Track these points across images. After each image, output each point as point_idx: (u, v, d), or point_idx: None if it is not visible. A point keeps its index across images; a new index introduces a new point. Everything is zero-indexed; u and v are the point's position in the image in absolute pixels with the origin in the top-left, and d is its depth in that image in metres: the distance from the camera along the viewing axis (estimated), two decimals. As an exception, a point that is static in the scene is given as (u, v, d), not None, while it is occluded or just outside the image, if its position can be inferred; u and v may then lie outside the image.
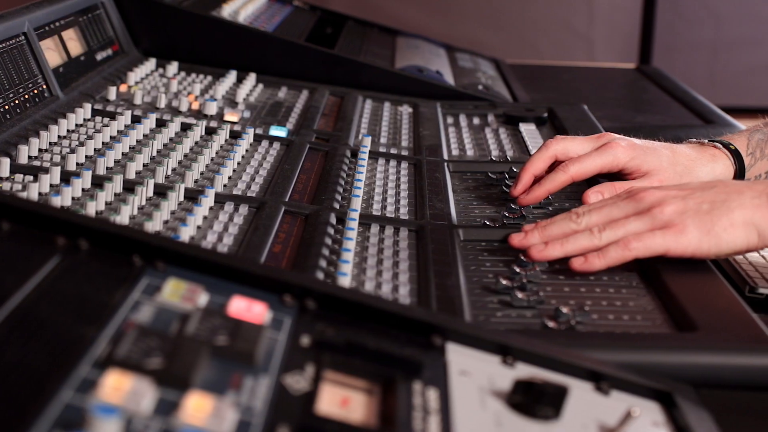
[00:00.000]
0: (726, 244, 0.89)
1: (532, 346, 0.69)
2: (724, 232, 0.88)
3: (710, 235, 0.88)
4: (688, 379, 0.72)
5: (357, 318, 0.68)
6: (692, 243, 0.89)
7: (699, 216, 0.89)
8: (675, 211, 0.90)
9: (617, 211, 0.92)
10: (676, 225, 0.89)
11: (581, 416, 0.64)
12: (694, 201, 0.90)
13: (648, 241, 0.89)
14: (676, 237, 0.89)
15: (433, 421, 0.59)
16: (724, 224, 0.88)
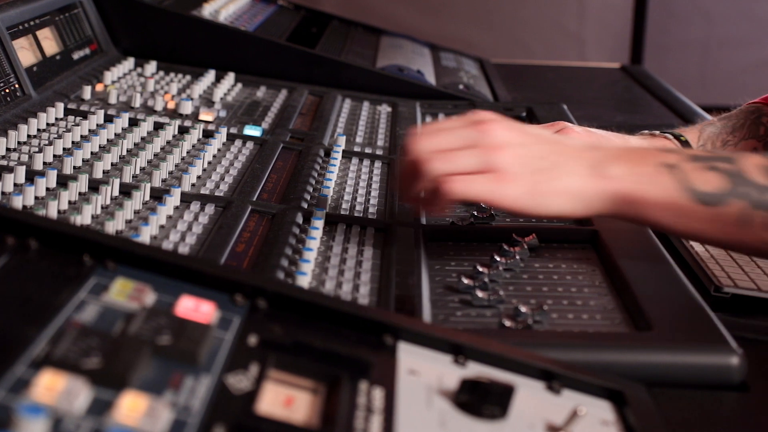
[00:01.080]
0: (547, 208, 0.86)
1: (483, 345, 0.69)
2: (547, 196, 0.85)
3: (534, 195, 0.85)
4: (641, 378, 0.72)
5: (309, 317, 0.68)
6: (513, 197, 0.85)
7: (531, 173, 0.85)
8: (511, 161, 0.85)
9: (457, 141, 0.87)
10: (505, 174, 0.85)
11: (529, 415, 0.64)
12: (533, 154, 0.86)
13: (468, 185, 0.85)
14: (500, 186, 0.85)
15: (375, 420, 0.59)
16: (549, 188, 0.85)
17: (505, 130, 0.87)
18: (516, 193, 0.85)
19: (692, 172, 0.84)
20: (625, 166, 0.85)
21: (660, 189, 0.84)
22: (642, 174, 0.85)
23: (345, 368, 0.63)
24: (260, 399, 0.58)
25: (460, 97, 1.62)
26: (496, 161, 0.85)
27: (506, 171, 0.85)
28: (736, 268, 1.00)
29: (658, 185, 0.84)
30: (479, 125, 0.87)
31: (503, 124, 0.87)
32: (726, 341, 0.75)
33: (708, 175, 0.84)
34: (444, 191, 0.85)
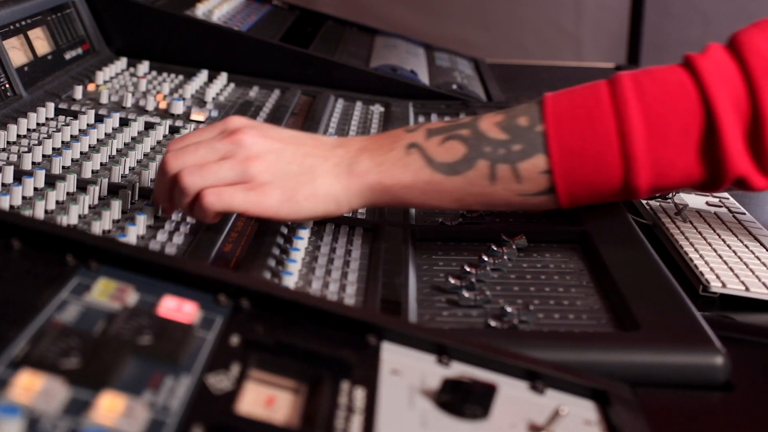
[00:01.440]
0: (305, 211, 0.88)
1: (466, 345, 0.69)
2: (305, 201, 0.87)
3: (291, 201, 0.87)
4: (626, 378, 0.72)
5: (292, 317, 0.68)
6: (272, 206, 0.86)
7: (286, 180, 0.86)
8: (264, 170, 0.86)
9: (213, 154, 0.87)
10: (261, 184, 0.86)
11: (511, 415, 0.64)
12: (285, 159, 0.87)
13: (227, 198, 0.85)
14: (258, 198, 0.86)
15: (356, 420, 0.59)
16: (306, 193, 0.87)
17: (258, 138, 0.88)
18: (274, 201, 0.86)
19: (433, 147, 0.87)
20: (370, 159, 0.88)
21: (407, 172, 0.87)
22: (386, 162, 0.87)
23: (327, 368, 0.63)
24: (241, 399, 0.58)
25: (453, 96, 1.62)
26: (251, 172, 0.86)
27: (261, 181, 0.86)
28: (725, 268, 1.00)
29: (404, 168, 0.87)
30: (232, 136, 0.87)
31: (255, 132, 0.88)
32: (710, 341, 0.75)
33: (448, 145, 0.86)
34: (203, 205, 0.86)
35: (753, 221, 1.16)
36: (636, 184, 0.85)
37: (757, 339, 0.83)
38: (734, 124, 0.83)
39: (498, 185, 0.86)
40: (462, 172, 0.86)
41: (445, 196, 0.87)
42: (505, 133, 0.86)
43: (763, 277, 0.98)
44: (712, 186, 0.87)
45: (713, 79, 0.83)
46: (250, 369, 0.61)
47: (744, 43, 0.84)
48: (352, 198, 0.88)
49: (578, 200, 0.88)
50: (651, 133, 0.84)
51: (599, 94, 0.86)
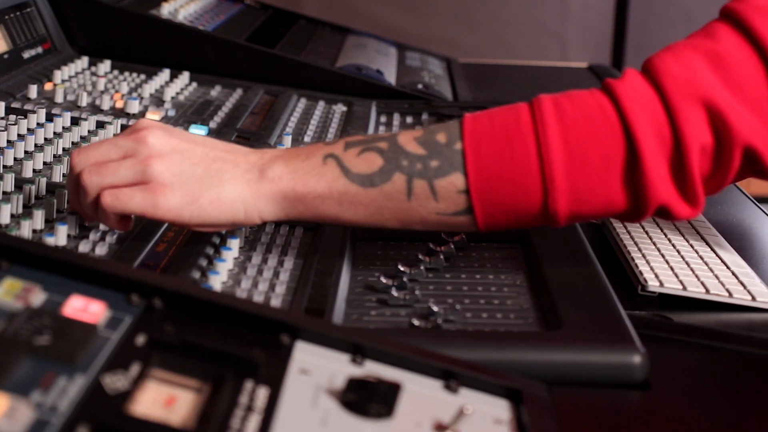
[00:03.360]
0: (209, 216, 0.84)
1: (380, 345, 0.69)
2: (209, 205, 0.84)
3: (194, 205, 0.83)
4: (546, 376, 0.72)
5: (206, 317, 0.68)
6: (172, 210, 0.83)
7: (189, 182, 0.83)
8: (166, 170, 0.83)
9: (115, 151, 0.85)
10: (161, 185, 0.83)
11: (419, 414, 0.64)
12: (191, 161, 0.84)
13: (124, 200, 0.83)
14: (157, 199, 0.83)
15: (253, 420, 0.59)
16: (211, 197, 0.83)
17: (162, 138, 0.85)
18: (175, 205, 0.83)
19: (349, 158, 0.84)
20: (284, 165, 0.85)
21: (321, 180, 0.84)
22: (301, 169, 0.84)
23: (231, 368, 0.63)
24: (137, 399, 0.58)
25: (418, 96, 1.62)
26: (150, 172, 0.83)
27: (161, 182, 0.83)
28: (666, 267, 1.00)
29: (318, 177, 0.84)
30: (137, 134, 0.85)
31: (161, 132, 0.86)
32: (629, 340, 0.75)
33: (365, 156, 0.84)
34: (102, 205, 0.83)
35: (703, 221, 1.16)
36: (555, 209, 0.82)
37: (682, 338, 0.83)
38: (656, 150, 0.80)
39: (414, 202, 0.83)
40: (378, 184, 0.83)
41: (360, 208, 0.84)
42: (423, 148, 0.83)
43: (703, 276, 0.98)
44: (635, 215, 0.84)
45: (633, 105, 0.80)
46: (151, 369, 0.61)
47: (659, 68, 0.82)
48: (261, 206, 0.85)
49: (497, 223, 0.85)
50: (570, 157, 0.81)
51: (519, 115, 0.83)
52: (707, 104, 0.80)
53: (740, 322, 0.94)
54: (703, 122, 0.81)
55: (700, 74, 0.81)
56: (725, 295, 0.95)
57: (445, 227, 0.86)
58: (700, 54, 0.82)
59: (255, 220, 0.86)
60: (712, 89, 0.80)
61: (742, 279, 0.99)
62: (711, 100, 0.80)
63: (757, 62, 0.81)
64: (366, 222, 0.86)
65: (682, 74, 0.81)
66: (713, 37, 0.83)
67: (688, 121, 0.80)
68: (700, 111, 0.80)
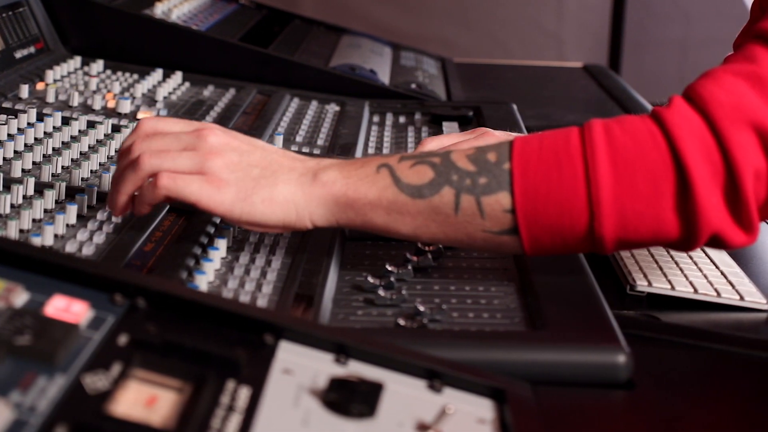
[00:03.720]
0: (260, 215, 0.85)
1: (364, 345, 0.69)
2: (261, 203, 0.85)
3: (246, 202, 0.84)
4: (531, 376, 0.72)
5: (190, 317, 0.68)
6: (225, 203, 0.84)
7: (245, 180, 0.85)
8: (224, 167, 0.85)
9: (176, 143, 0.87)
10: (218, 179, 0.85)
11: (401, 414, 0.64)
12: (248, 161, 0.86)
13: (181, 183, 0.84)
14: (212, 191, 0.84)
15: (234, 420, 0.59)
16: (263, 196, 0.85)
17: (223, 137, 0.87)
18: (227, 200, 0.84)
19: (404, 169, 0.85)
20: (338, 171, 0.86)
21: (374, 188, 0.84)
22: (354, 176, 0.85)
23: (213, 367, 0.63)
24: (117, 399, 0.58)
25: (411, 96, 1.62)
26: (209, 165, 0.85)
27: (219, 176, 0.85)
28: (655, 267, 1.00)
29: (371, 185, 0.85)
30: (199, 131, 0.87)
31: (222, 133, 0.87)
32: (613, 340, 0.75)
33: (417, 168, 0.84)
34: (158, 185, 0.85)
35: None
36: (601, 233, 0.81)
37: (670, 338, 0.83)
38: (707, 177, 0.79)
39: (461, 217, 0.83)
40: (427, 196, 0.83)
41: (408, 219, 0.84)
42: (473, 165, 0.83)
43: (692, 276, 0.98)
44: (687, 243, 0.82)
45: (682, 131, 0.79)
46: (133, 368, 0.61)
47: (704, 96, 0.80)
48: (312, 208, 0.85)
49: (542, 246, 0.83)
50: (619, 181, 0.80)
51: (569, 138, 0.82)
52: (757, 128, 0.79)
53: (729, 322, 0.94)
54: (755, 146, 0.79)
55: (746, 98, 0.80)
56: (713, 295, 0.95)
57: (491, 247, 0.85)
58: (742, 79, 0.81)
59: (306, 223, 0.86)
60: (761, 112, 0.79)
61: (731, 279, 0.99)
62: (761, 124, 0.79)
63: None
64: (413, 234, 0.86)
65: (728, 100, 0.80)
66: (753, 60, 0.82)
67: (740, 146, 0.79)
68: (750, 135, 0.79)
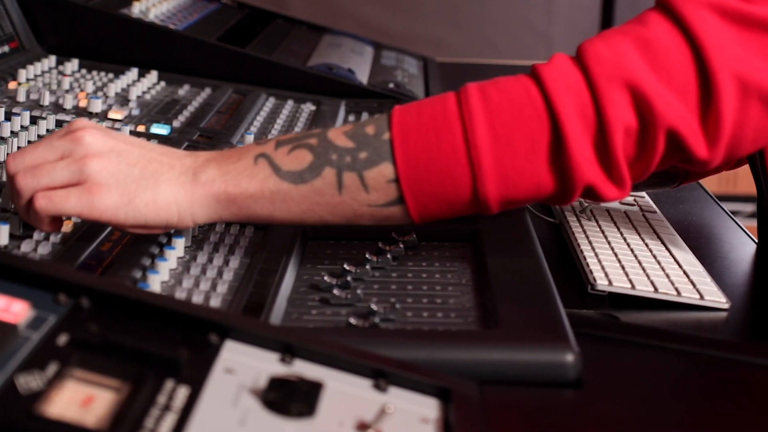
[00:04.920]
0: (144, 218, 0.83)
1: (310, 344, 0.69)
2: (144, 207, 0.83)
3: (130, 206, 0.83)
4: (480, 375, 0.72)
5: (134, 316, 0.68)
6: (108, 210, 0.83)
7: (125, 183, 0.83)
8: (102, 170, 0.83)
9: (51, 153, 0.84)
10: (98, 185, 0.82)
11: (342, 413, 0.64)
12: (128, 161, 0.84)
13: (58, 201, 0.82)
14: (93, 199, 0.82)
15: (169, 419, 0.59)
16: (147, 199, 0.83)
17: (98, 138, 0.84)
18: (110, 204, 0.82)
19: (280, 156, 0.84)
20: (217, 168, 0.85)
21: (252, 180, 0.84)
22: (233, 171, 0.84)
23: (153, 367, 0.62)
24: (52, 399, 0.58)
25: (387, 95, 1.62)
26: (87, 171, 0.82)
27: (98, 181, 0.82)
28: (617, 266, 1.00)
29: (249, 177, 0.84)
30: (72, 134, 0.85)
31: (97, 132, 0.85)
32: (563, 339, 0.75)
33: (295, 153, 0.84)
34: (35, 209, 0.83)
35: (661, 219, 1.16)
36: (485, 194, 0.83)
37: (625, 337, 0.82)
38: (580, 132, 0.81)
39: (345, 195, 0.83)
40: (308, 180, 0.83)
41: (292, 206, 0.84)
42: (352, 141, 0.83)
43: (653, 275, 0.98)
44: (563, 197, 0.85)
45: (557, 87, 0.81)
46: (70, 368, 0.61)
47: (587, 52, 0.83)
48: (195, 209, 0.84)
49: (429, 212, 0.85)
50: (497, 142, 0.82)
51: (446, 103, 0.84)
52: (632, 87, 0.81)
53: (688, 322, 0.94)
54: (627, 104, 0.81)
55: (627, 58, 0.81)
56: (674, 294, 0.95)
57: (379, 220, 0.86)
58: (629, 39, 0.83)
59: (187, 223, 0.86)
60: (638, 73, 0.81)
61: (693, 278, 0.98)
62: (636, 84, 0.81)
63: (685, 49, 0.82)
64: (300, 220, 0.86)
65: (609, 58, 0.82)
66: (644, 23, 0.84)
67: (612, 103, 0.81)
68: (624, 93, 0.81)
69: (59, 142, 0.85)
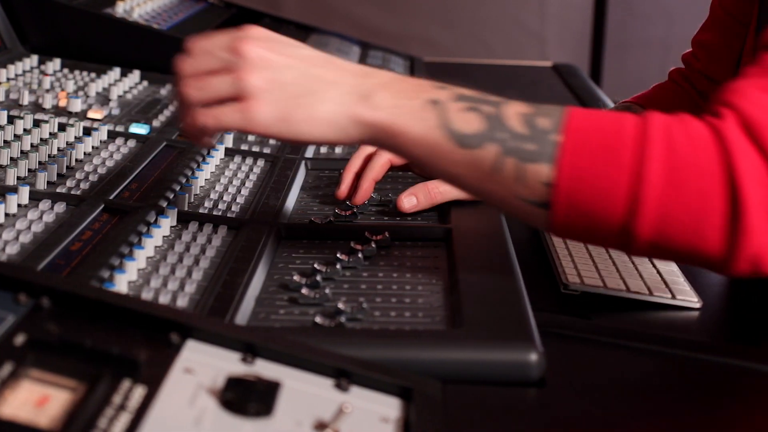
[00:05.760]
0: (301, 134, 0.83)
1: (271, 343, 0.69)
2: (302, 123, 0.82)
3: (286, 122, 0.82)
4: (444, 375, 0.72)
5: (96, 316, 0.68)
6: (262, 123, 0.82)
7: (282, 99, 0.82)
8: (258, 85, 0.82)
9: (214, 62, 0.84)
10: (253, 100, 0.82)
11: (301, 413, 0.64)
12: (287, 78, 0.82)
13: (219, 116, 0.83)
14: (251, 114, 0.82)
15: (123, 419, 0.58)
16: (305, 115, 0.82)
17: (264, 51, 0.83)
18: (267, 119, 0.82)
19: (454, 112, 0.81)
20: (390, 98, 0.82)
21: (420, 125, 0.81)
22: (405, 107, 0.82)
23: (110, 367, 0.62)
24: (6, 399, 0.57)
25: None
26: (246, 86, 0.82)
27: (256, 96, 0.82)
28: (590, 265, 1.00)
29: (418, 121, 0.81)
30: (238, 44, 0.83)
31: (264, 45, 0.83)
32: (527, 338, 0.74)
33: (468, 116, 0.80)
34: (197, 123, 0.84)
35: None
36: (636, 231, 0.76)
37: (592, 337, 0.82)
38: (760, 201, 0.75)
39: (499, 177, 0.79)
40: (471, 147, 0.79)
41: (447, 164, 0.81)
42: (524, 127, 0.79)
43: (626, 275, 0.98)
44: (722, 263, 0.77)
45: (738, 150, 0.76)
46: (25, 368, 0.61)
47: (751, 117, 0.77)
48: (352, 130, 0.82)
49: (570, 228, 0.79)
50: (669, 182, 0.76)
51: (625, 125, 0.78)
52: None
53: (661, 322, 0.94)
54: None
55: None
56: (645, 293, 0.95)
57: (519, 213, 0.82)
58: None
59: (342, 140, 0.84)
60: None
61: (666, 277, 0.98)
62: None
63: None
64: (444, 176, 0.84)
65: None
66: None
67: None
68: None
69: (224, 53, 0.83)
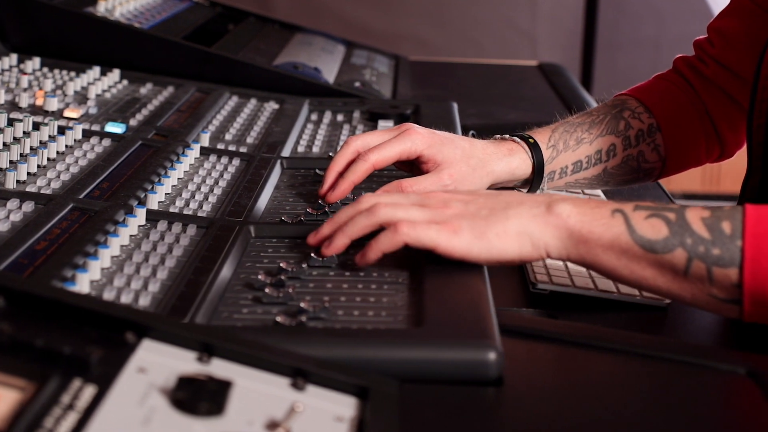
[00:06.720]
0: (497, 250, 0.87)
1: (228, 342, 0.68)
2: (496, 239, 0.87)
3: (482, 239, 0.87)
4: (405, 374, 0.72)
5: (51, 315, 0.68)
6: (463, 244, 0.87)
7: (476, 220, 0.88)
8: (455, 214, 0.89)
9: (404, 199, 0.92)
10: (453, 225, 0.88)
11: (253, 412, 0.63)
12: (475, 206, 0.90)
13: (420, 231, 0.88)
14: (449, 235, 0.88)
15: (70, 419, 0.58)
16: (497, 231, 0.87)
17: (448, 195, 0.92)
18: (464, 241, 0.87)
19: (639, 219, 0.86)
20: (573, 206, 0.87)
21: (610, 231, 0.85)
22: (589, 214, 0.86)
23: (61, 366, 0.62)
24: (-49, 397, 0.57)
25: (353, 94, 1.61)
26: (443, 216, 0.89)
27: (454, 223, 0.88)
28: (560, 264, 0.99)
29: (607, 228, 0.86)
30: (428, 195, 0.92)
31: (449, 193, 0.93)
32: (485, 337, 0.74)
33: (652, 221, 0.85)
34: (398, 231, 0.88)
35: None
36: None
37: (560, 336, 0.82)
38: None
39: (690, 278, 0.85)
40: (659, 252, 0.85)
41: (638, 269, 0.85)
42: (708, 232, 0.84)
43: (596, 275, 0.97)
44: None
45: None
46: (-26, 367, 0.60)
47: None
48: (548, 239, 0.87)
49: (762, 318, 0.85)
50: None
51: None
52: None
53: (627, 321, 0.94)
54: None
55: None
56: (614, 292, 0.95)
57: (712, 308, 0.87)
58: None
59: (541, 253, 0.88)
60: None
61: (636, 276, 0.98)
62: None
63: None
64: (638, 283, 0.87)
65: None
66: None
67: None
68: None
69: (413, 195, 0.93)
